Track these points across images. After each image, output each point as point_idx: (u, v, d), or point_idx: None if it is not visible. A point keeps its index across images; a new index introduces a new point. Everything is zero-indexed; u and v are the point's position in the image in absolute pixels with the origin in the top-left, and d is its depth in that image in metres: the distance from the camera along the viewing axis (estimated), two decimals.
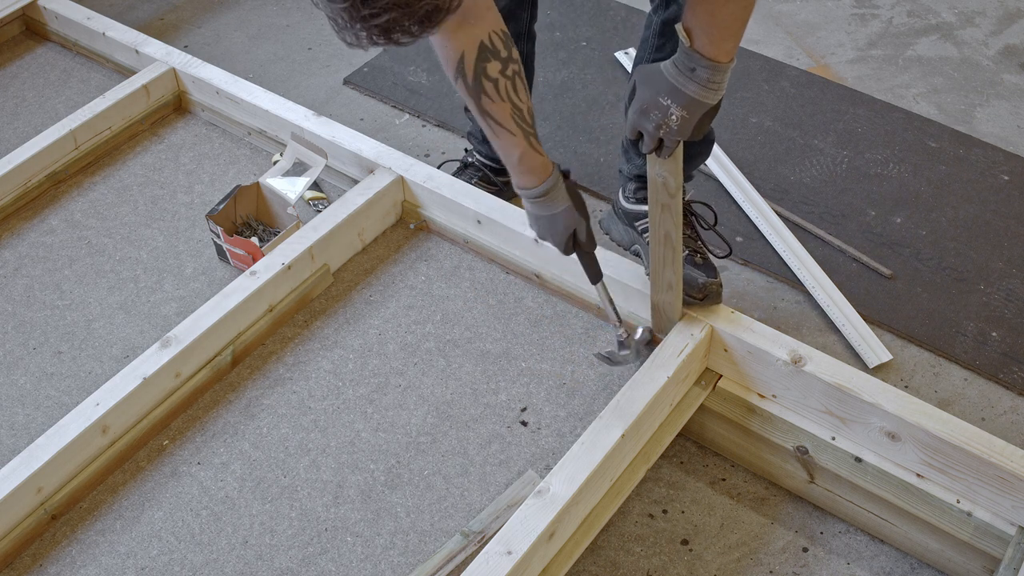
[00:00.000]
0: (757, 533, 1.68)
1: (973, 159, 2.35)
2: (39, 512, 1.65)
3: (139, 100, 2.38)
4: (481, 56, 1.51)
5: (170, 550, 1.64)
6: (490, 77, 1.53)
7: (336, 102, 2.55)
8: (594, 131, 2.43)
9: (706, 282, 1.72)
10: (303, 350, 1.92)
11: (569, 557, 1.57)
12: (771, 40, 2.73)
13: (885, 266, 2.09)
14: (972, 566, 1.59)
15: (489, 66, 1.53)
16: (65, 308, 2.03)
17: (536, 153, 1.59)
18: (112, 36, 2.50)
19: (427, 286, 2.02)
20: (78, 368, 1.92)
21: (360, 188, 2.07)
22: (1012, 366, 1.91)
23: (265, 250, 1.97)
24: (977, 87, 2.57)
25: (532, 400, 1.81)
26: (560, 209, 1.63)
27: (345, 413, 1.81)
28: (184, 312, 1.97)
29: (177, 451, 1.77)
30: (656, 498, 1.74)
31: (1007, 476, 1.51)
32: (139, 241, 2.15)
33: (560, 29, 2.74)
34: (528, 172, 1.60)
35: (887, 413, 1.58)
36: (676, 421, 1.73)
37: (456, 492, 1.69)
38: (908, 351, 1.95)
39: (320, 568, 1.61)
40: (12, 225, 2.20)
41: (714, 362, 1.77)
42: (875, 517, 1.65)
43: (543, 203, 1.62)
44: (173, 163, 2.33)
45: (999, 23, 2.78)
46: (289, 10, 2.88)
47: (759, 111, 2.47)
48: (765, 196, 2.23)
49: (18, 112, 2.49)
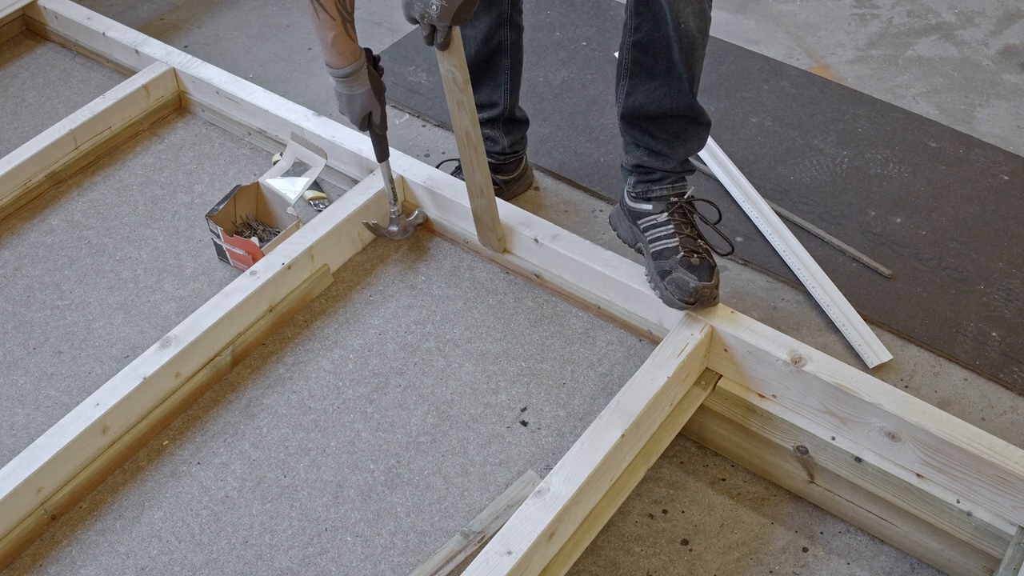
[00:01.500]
0: (757, 533, 1.69)
1: (973, 159, 2.35)
2: (39, 512, 1.65)
3: (139, 100, 2.38)
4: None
5: (170, 550, 1.64)
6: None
7: (336, 102, 2.55)
8: (594, 131, 2.43)
9: (697, 286, 1.70)
10: (303, 350, 1.92)
11: (569, 557, 1.57)
12: (771, 40, 2.73)
13: (885, 266, 2.09)
14: (972, 566, 1.59)
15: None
16: (65, 308, 2.03)
17: (349, 39, 1.77)
18: (112, 36, 2.50)
19: (427, 286, 2.02)
20: (78, 368, 1.92)
21: (360, 188, 2.07)
22: (1012, 366, 1.91)
23: (265, 250, 1.97)
24: (977, 87, 2.57)
25: (532, 400, 1.81)
26: (361, 91, 1.83)
27: (345, 413, 1.81)
28: (184, 312, 1.97)
29: (177, 451, 1.77)
30: (656, 498, 1.74)
31: (1007, 476, 1.51)
32: (139, 241, 2.15)
33: (560, 29, 2.74)
34: (339, 54, 1.78)
35: (887, 413, 1.58)
36: (676, 421, 1.73)
37: (456, 492, 1.69)
38: (908, 351, 1.95)
39: (320, 568, 1.61)
40: (12, 225, 2.20)
41: (714, 362, 1.77)
42: (875, 517, 1.65)
43: (347, 83, 1.82)
44: (173, 163, 2.33)
45: (999, 23, 2.78)
46: (289, 10, 2.88)
47: (759, 111, 2.47)
48: (765, 196, 2.23)
49: (18, 112, 2.49)
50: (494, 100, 2.09)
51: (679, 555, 1.66)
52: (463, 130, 1.75)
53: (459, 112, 1.73)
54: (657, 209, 1.83)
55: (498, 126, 2.13)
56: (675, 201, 1.82)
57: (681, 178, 1.85)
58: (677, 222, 1.81)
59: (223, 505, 1.69)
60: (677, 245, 1.77)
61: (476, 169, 1.82)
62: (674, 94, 1.73)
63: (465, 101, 1.71)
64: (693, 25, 1.64)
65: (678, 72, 1.69)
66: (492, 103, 2.09)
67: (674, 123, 1.77)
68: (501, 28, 1.98)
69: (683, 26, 1.62)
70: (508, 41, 2.01)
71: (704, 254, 1.77)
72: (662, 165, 1.81)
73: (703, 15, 1.67)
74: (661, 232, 1.81)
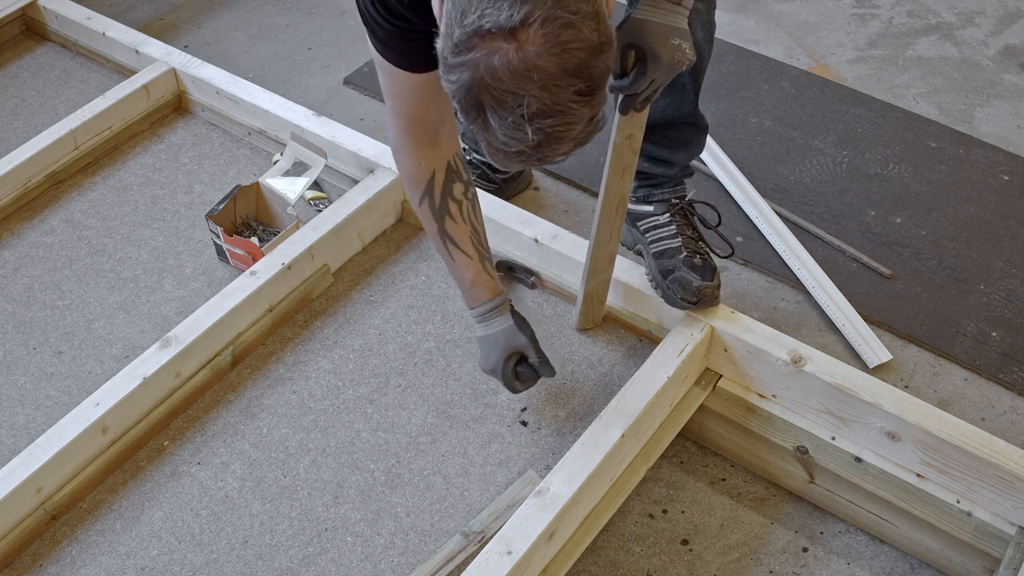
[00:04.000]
0: (757, 533, 1.68)
1: (973, 159, 2.35)
2: (39, 512, 1.65)
3: (139, 100, 2.38)
4: (449, 177, 1.53)
5: (170, 550, 1.64)
6: (455, 199, 1.55)
7: (336, 102, 2.55)
8: None
9: (700, 286, 1.71)
10: (303, 350, 1.92)
11: (569, 557, 1.57)
12: (771, 40, 2.73)
13: (885, 266, 2.09)
14: (972, 566, 1.59)
15: (455, 187, 1.55)
16: (65, 308, 2.03)
17: (488, 276, 1.63)
18: (112, 36, 2.50)
19: (427, 286, 2.02)
20: (78, 368, 1.92)
21: (360, 188, 2.07)
22: (1012, 366, 1.91)
23: (265, 250, 1.97)
24: (977, 87, 2.57)
25: (532, 400, 1.81)
26: (504, 326, 1.64)
27: (345, 413, 1.81)
28: (184, 312, 1.96)
29: (177, 451, 1.77)
30: (656, 498, 1.74)
31: (1007, 476, 1.51)
32: (139, 241, 2.15)
33: None
34: (480, 292, 1.63)
35: (887, 413, 1.58)
36: (676, 421, 1.73)
37: (456, 492, 1.69)
38: (908, 351, 1.95)
39: (320, 568, 1.61)
40: (12, 225, 2.20)
41: (714, 362, 1.77)
42: (875, 517, 1.65)
43: (489, 319, 1.65)
44: (173, 163, 2.33)
45: (999, 23, 2.78)
46: (289, 10, 2.88)
47: (759, 111, 2.47)
48: (765, 196, 2.23)
49: (18, 112, 2.49)
50: None
51: (679, 555, 1.66)
52: (617, 197, 1.58)
53: (622, 179, 1.56)
54: (659, 211, 1.83)
55: None
56: (676, 203, 1.83)
57: (681, 181, 1.86)
58: (679, 223, 1.82)
59: (223, 505, 1.69)
60: (680, 245, 1.77)
61: (613, 239, 1.67)
62: (677, 104, 1.73)
63: (632, 165, 1.55)
64: (700, 36, 1.63)
65: (683, 82, 1.70)
66: None
67: (676, 131, 1.78)
68: None
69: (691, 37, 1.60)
70: None
71: (705, 255, 1.78)
72: (664, 171, 1.82)
73: (709, 25, 1.67)
74: (663, 233, 1.81)
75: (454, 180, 1.55)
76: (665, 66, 1.36)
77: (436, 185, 1.54)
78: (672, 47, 1.35)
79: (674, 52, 1.35)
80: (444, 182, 1.54)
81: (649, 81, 1.38)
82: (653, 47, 1.34)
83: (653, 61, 1.35)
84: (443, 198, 1.55)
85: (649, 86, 1.39)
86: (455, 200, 1.56)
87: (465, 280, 1.62)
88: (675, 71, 1.38)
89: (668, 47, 1.35)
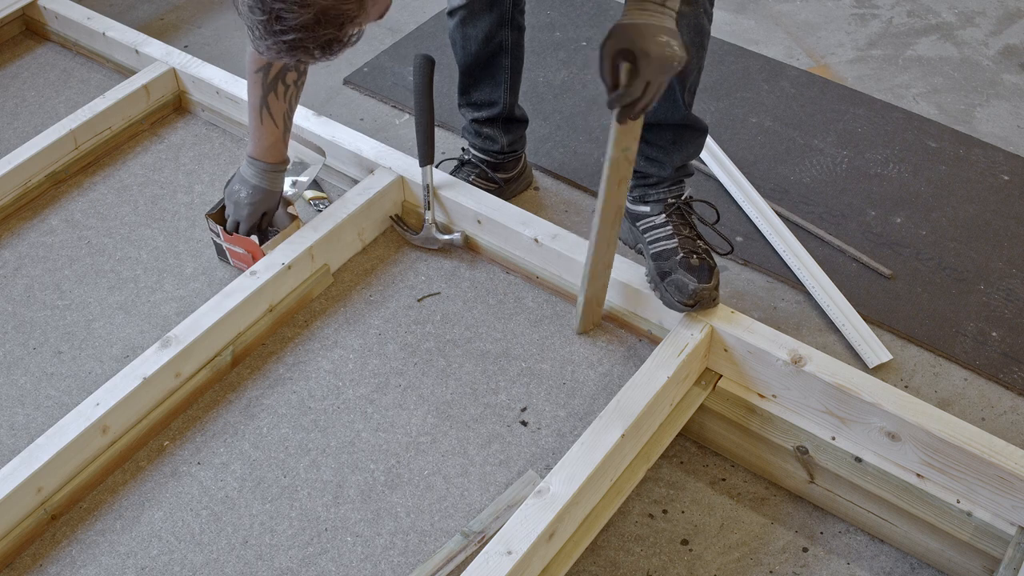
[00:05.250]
0: (757, 533, 1.69)
1: (973, 159, 2.35)
2: (39, 512, 1.65)
3: (139, 100, 2.38)
4: (287, 66, 1.76)
5: (170, 550, 1.64)
6: (285, 83, 1.80)
7: (336, 102, 2.55)
8: (594, 131, 2.43)
9: (696, 288, 1.71)
10: (303, 350, 1.92)
11: (569, 557, 1.57)
12: (771, 40, 2.73)
13: (885, 266, 2.09)
14: (972, 566, 1.59)
15: (289, 75, 1.80)
16: (65, 308, 2.03)
17: (284, 145, 1.90)
18: (112, 36, 2.50)
19: (427, 286, 2.02)
20: (78, 368, 1.92)
21: (360, 188, 2.07)
22: (1012, 366, 1.91)
23: (265, 250, 1.97)
24: (977, 87, 2.57)
25: (532, 400, 1.81)
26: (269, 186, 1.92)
27: (345, 413, 1.81)
28: (184, 312, 1.97)
29: (177, 451, 1.77)
30: (656, 498, 1.74)
31: (1007, 476, 1.51)
32: (139, 241, 2.15)
33: (560, 29, 2.74)
34: (271, 154, 1.89)
35: (887, 413, 1.58)
36: (676, 421, 1.73)
37: (456, 492, 1.69)
38: (908, 351, 1.95)
39: (320, 568, 1.61)
40: (12, 225, 2.20)
41: (714, 362, 1.77)
42: (875, 517, 1.65)
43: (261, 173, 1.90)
44: (173, 163, 2.33)
45: (999, 23, 2.78)
46: None
47: (759, 111, 2.48)
48: (765, 196, 2.23)
49: (18, 112, 2.49)
50: (493, 99, 2.09)
51: (679, 555, 1.66)
52: (615, 207, 1.62)
53: (618, 189, 1.60)
54: (655, 211, 1.83)
55: (497, 125, 2.13)
56: (673, 203, 1.83)
57: (678, 181, 1.85)
58: (675, 223, 1.81)
59: (223, 505, 1.69)
60: (676, 246, 1.77)
61: (612, 246, 1.72)
62: (667, 105, 1.73)
63: (628, 176, 1.60)
64: (687, 38, 1.63)
65: (670, 84, 1.69)
66: (491, 102, 2.09)
67: (669, 131, 1.78)
68: (503, 28, 1.98)
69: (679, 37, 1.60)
70: (509, 41, 2.01)
71: (703, 255, 1.77)
72: (658, 171, 1.82)
73: (697, 28, 1.67)
74: (660, 234, 1.81)
75: (291, 69, 1.79)
76: (656, 62, 1.39)
77: (275, 66, 1.77)
78: (661, 43, 1.39)
79: (664, 48, 1.39)
80: (283, 67, 1.77)
81: (644, 83, 1.41)
82: (642, 45, 1.39)
83: (644, 59, 1.39)
84: (276, 78, 1.79)
85: (645, 89, 1.42)
86: (284, 84, 1.80)
87: (265, 140, 1.87)
88: (668, 69, 1.41)
89: (657, 44, 1.39)
